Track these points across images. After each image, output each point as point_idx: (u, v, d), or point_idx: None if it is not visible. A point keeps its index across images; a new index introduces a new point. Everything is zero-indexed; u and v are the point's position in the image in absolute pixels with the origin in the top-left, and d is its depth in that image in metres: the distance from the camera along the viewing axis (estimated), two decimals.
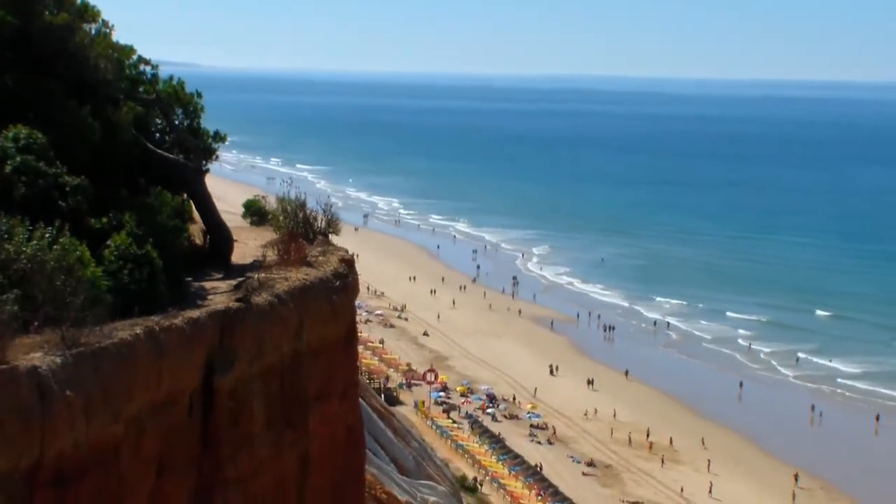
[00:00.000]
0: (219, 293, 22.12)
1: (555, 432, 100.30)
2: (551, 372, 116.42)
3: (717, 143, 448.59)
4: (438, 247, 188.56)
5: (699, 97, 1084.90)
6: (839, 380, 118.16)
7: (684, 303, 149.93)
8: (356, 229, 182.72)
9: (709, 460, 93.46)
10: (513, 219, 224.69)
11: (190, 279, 23.36)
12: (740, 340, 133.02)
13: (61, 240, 17.71)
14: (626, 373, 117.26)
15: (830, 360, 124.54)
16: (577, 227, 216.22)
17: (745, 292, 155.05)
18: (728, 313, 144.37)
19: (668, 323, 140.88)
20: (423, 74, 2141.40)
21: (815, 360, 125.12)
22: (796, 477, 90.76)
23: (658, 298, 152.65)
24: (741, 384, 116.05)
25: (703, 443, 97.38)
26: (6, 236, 16.77)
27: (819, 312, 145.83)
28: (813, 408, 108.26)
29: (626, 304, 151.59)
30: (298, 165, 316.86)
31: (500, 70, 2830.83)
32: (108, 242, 20.45)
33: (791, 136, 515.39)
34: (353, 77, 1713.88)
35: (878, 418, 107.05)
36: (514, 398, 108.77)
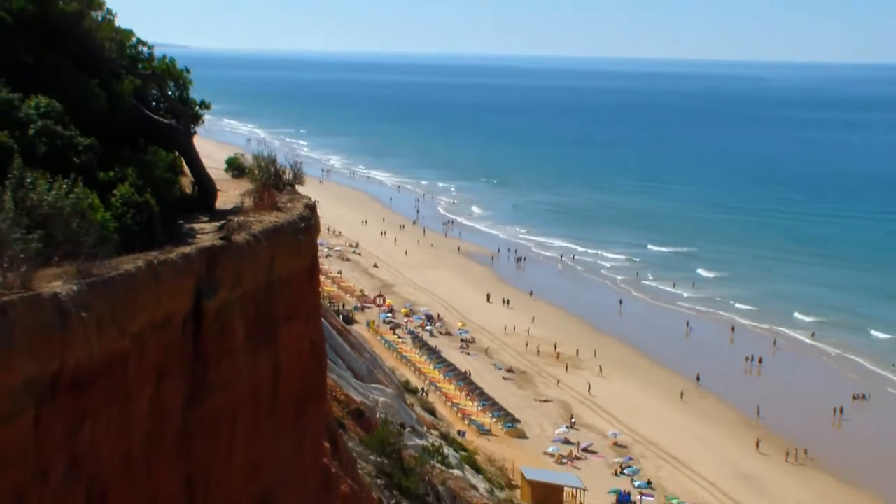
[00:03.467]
0: (205, 233, 22.02)
1: (465, 344, 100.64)
2: (488, 300, 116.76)
3: (616, 111, 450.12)
4: (391, 199, 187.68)
5: (606, 73, 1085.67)
6: (679, 303, 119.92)
7: (564, 243, 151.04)
8: (321, 182, 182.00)
9: (600, 366, 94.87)
10: (440, 171, 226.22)
11: (181, 222, 23.24)
12: (603, 271, 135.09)
13: (76, 190, 17.54)
14: (531, 293, 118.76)
15: (672, 286, 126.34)
16: (491, 177, 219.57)
17: (604, 232, 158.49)
18: (590, 250, 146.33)
19: (551, 256, 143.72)
20: (383, 54, 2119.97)
21: (659, 286, 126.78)
22: (698, 377, 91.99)
23: (543, 239, 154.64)
24: (620, 302, 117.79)
25: (596, 352, 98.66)
26: (31, 187, 16.68)
27: (651, 247, 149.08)
28: (688, 324, 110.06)
29: (522, 241, 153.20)
30: (254, 129, 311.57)
31: (438, 49, 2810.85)
32: (114, 192, 20.25)
33: (672, 104, 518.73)
34: (335, 57, 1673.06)
35: (733, 329, 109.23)
36: (438, 315, 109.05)
